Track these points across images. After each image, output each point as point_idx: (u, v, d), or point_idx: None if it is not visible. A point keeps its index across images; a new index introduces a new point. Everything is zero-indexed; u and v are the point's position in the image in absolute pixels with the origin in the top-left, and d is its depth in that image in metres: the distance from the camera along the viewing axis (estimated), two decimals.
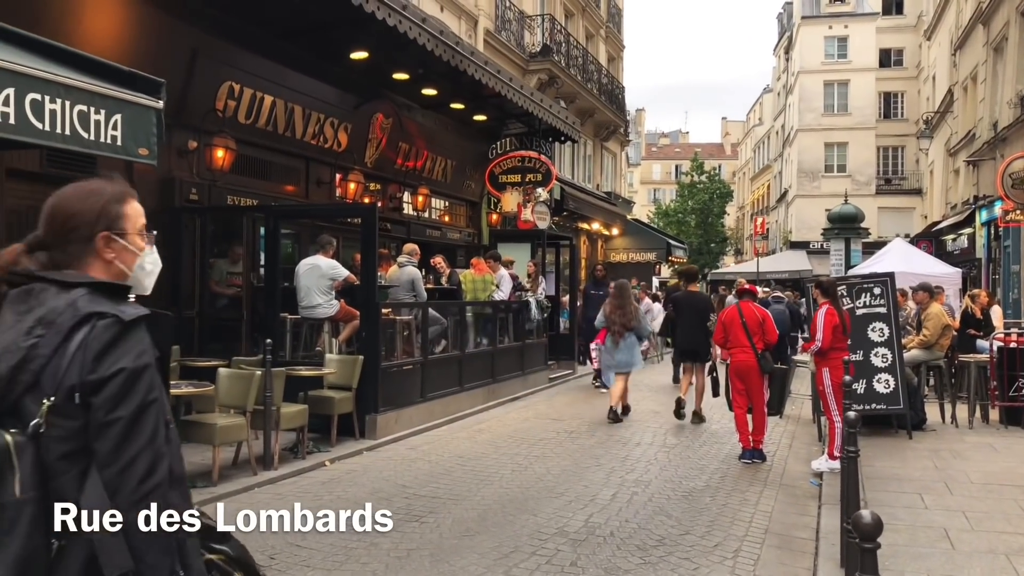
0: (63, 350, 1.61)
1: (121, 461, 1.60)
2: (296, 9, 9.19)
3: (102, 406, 1.60)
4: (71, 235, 1.75)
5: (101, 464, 1.60)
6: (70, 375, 1.60)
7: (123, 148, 5.42)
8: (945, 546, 5.16)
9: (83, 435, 1.60)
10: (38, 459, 1.59)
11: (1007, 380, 9.30)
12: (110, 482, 1.59)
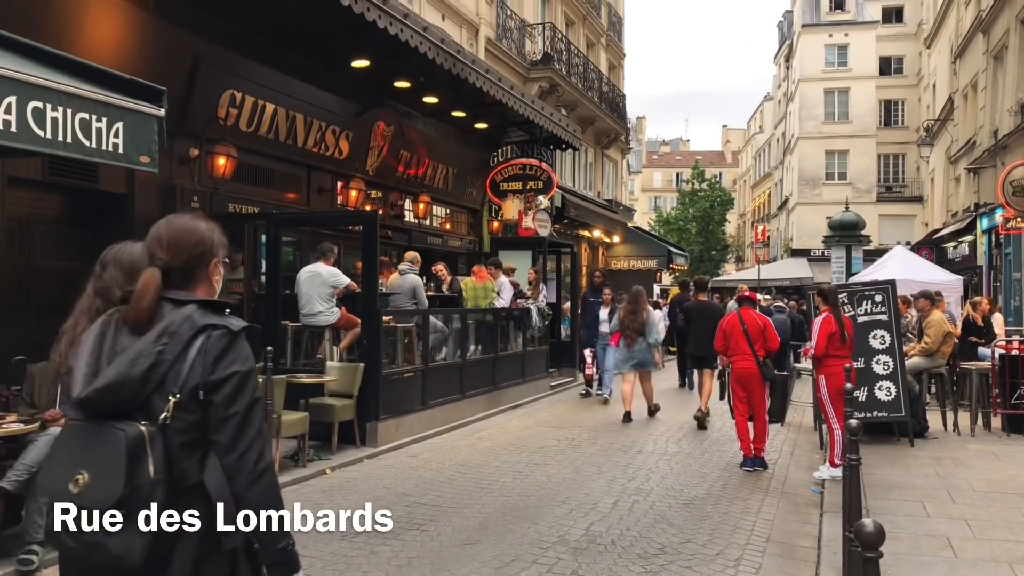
0: (184, 355, 1.93)
1: (239, 449, 1.93)
2: (298, 18, 9.22)
3: (221, 403, 1.93)
4: (200, 259, 2.12)
5: (222, 452, 1.93)
6: (192, 376, 1.92)
7: (124, 156, 5.41)
8: (948, 555, 5.14)
9: (199, 427, 1.93)
10: (165, 446, 1.90)
11: (1009, 388, 9.29)
12: (231, 467, 1.92)
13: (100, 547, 1.87)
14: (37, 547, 4.88)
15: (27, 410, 5.34)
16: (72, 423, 1.99)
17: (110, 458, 1.87)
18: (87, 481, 1.88)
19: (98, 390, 1.92)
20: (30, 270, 8.05)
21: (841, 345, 7.44)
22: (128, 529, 1.85)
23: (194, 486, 1.93)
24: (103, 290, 2.60)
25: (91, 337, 2.05)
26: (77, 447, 1.94)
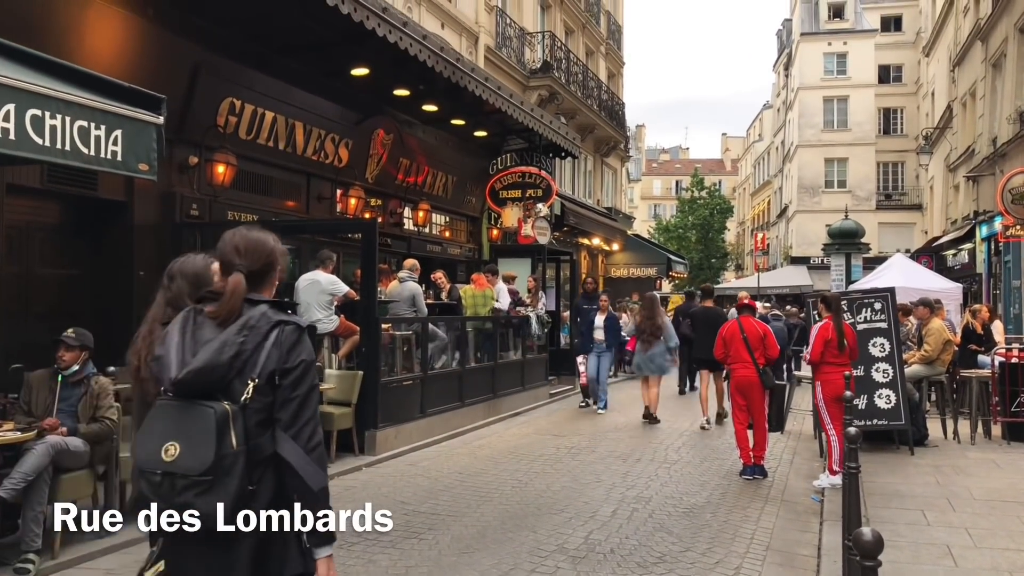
0: (262, 346, 2.29)
1: (297, 425, 2.29)
2: (297, 26, 9.23)
3: (288, 386, 2.29)
4: (270, 266, 2.50)
5: (284, 427, 2.28)
6: (269, 363, 2.28)
7: (123, 163, 5.42)
8: (948, 563, 5.12)
9: (270, 408, 2.28)
10: (244, 424, 2.24)
11: (1009, 395, 9.27)
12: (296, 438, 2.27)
13: (191, 506, 2.20)
14: (33, 556, 4.87)
15: (24, 418, 5.33)
16: (162, 402, 2.32)
17: (201, 431, 2.21)
18: (178, 451, 2.22)
19: (193, 372, 2.26)
20: (28, 278, 8.05)
21: (839, 353, 7.38)
22: (214, 492, 2.19)
23: (267, 458, 2.28)
24: (173, 299, 3.04)
25: (175, 329, 2.39)
26: (168, 422, 2.27)
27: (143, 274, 8.79)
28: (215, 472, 2.20)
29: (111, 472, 5.42)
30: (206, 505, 2.20)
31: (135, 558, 5.14)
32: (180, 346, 2.34)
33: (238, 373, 2.28)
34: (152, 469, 2.24)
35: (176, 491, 2.21)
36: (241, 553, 2.27)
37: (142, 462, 2.28)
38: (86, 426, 5.30)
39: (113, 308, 8.60)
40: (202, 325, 2.37)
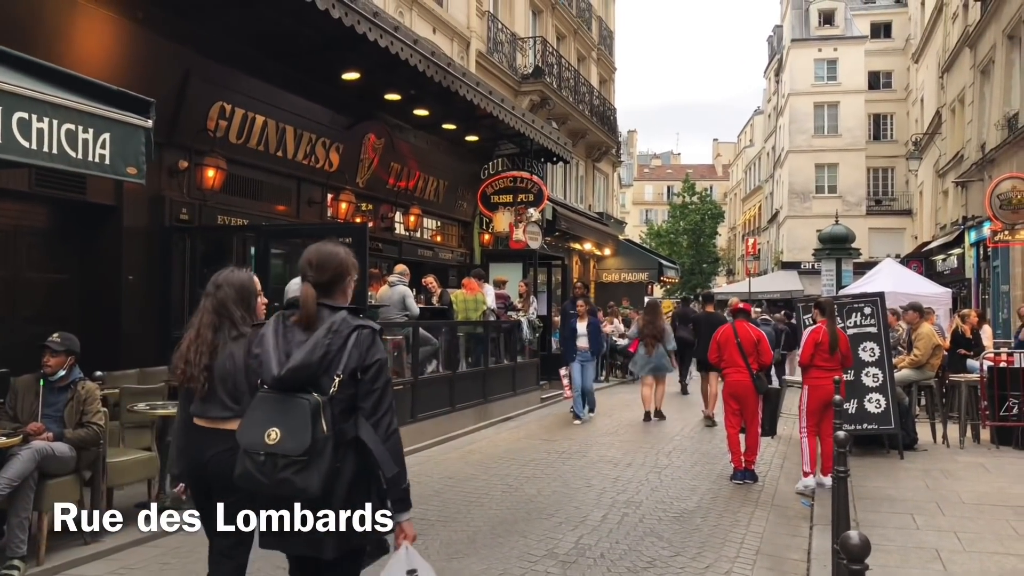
0: (344, 347, 2.73)
1: (378, 414, 2.75)
2: (289, 30, 9.22)
3: (369, 380, 2.75)
4: (342, 277, 2.91)
5: (366, 415, 2.74)
6: (351, 361, 2.73)
7: (111, 167, 5.39)
8: (937, 567, 5.13)
9: (352, 399, 2.74)
10: (332, 412, 2.69)
11: (998, 400, 9.30)
12: (376, 426, 2.72)
13: (287, 482, 2.65)
14: (19, 562, 4.83)
15: (9, 424, 5.29)
16: (262, 394, 2.77)
17: (298, 419, 2.66)
18: (279, 435, 2.67)
19: (291, 369, 2.71)
20: (16, 282, 8.00)
21: (829, 356, 7.38)
22: (309, 469, 2.64)
23: (349, 441, 2.73)
24: (218, 306, 3.44)
25: (270, 333, 2.83)
26: (269, 411, 2.72)
27: (132, 278, 8.76)
28: (311, 453, 2.65)
29: (97, 478, 5.38)
30: (303, 480, 2.65)
31: (121, 564, 5.12)
32: (276, 347, 2.79)
33: (325, 370, 2.73)
34: (256, 451, 2.70)
35: (278, 469, 2.66)
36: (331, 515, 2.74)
37: (247, 445, 2.73)
38: (72, 431, 5.26)
39: (102, 313, 8.56)
40: (291, 329, 2.83)
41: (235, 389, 3.32)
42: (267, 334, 2.83)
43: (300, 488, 2.66)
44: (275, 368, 2.74)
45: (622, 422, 11.72)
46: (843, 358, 7.51)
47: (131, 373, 7.88)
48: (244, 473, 2.75)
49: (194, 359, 3.34)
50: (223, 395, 3.33)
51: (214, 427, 3.31)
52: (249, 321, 3.47)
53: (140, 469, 5.79)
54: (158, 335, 9.04)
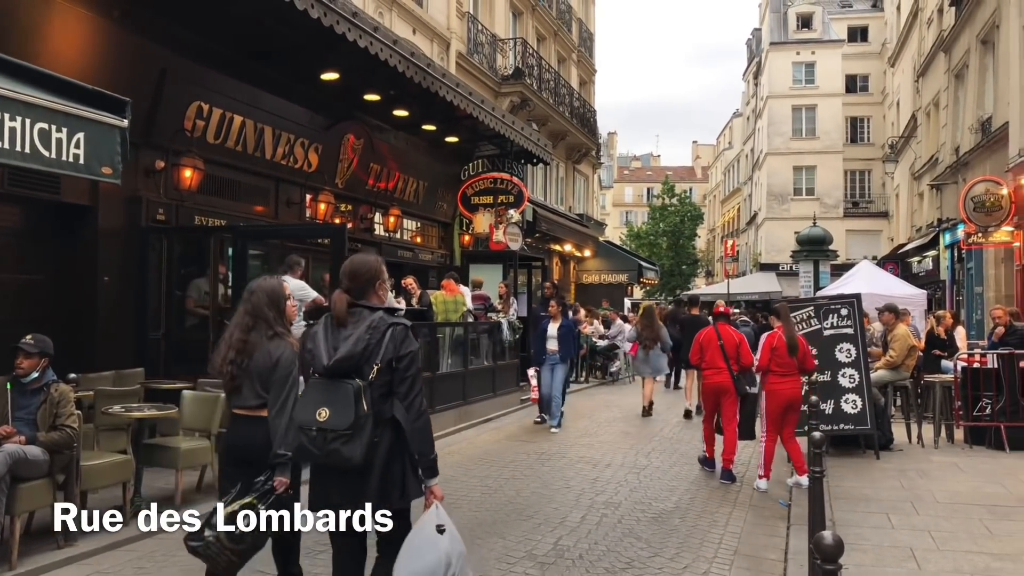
0: (382, 341, 3.31)
1: (410, 397, 3.34)
2: (266, 30, 9.16)
3: (403, 369, 3.33)
4: (372, 282, 3.48)
5: (400, 398, 3.33)
6: (387, 353, 3.31)
7: (86, 167, 5.35)
8: (911, 566, 5.18)
9: (388, 385, 3.32)
10: (371, 395, 3.26)
11: (971, 400, 9.42)
12: (408, 407, 3.31)
13: (336, 453, 3.22)
14: None
15: None
16: (314, 381, 3.36)
17: (344, 400, 3.22)
18: (328, 414, 3.23)
19: (338, 360, 3.29)
20: None
21: (789, 358, 7.42)
22: (353, 441, 3.21)
23: (386, 419, 3.32)
24: (252, 309, 3.91)
25: (320, 331, 3.40)
26: (319, 394, 3.29)
27: (108, 279, 8.67)
28: (354, 428, 3.22)
29: (71, 481, 5.31)
30: (348, 451, 3.22)
31: (95, 568, 5.06)
32: (325, 342, 3.36)
33: (366, 360, 3.30)
34: (309, 427, 3.27)
35: (327, 441, 3.23)
36: (371, 481, 3.32)
37: (301, 422, 3.31)
38: (45, 434, 5.19)
39: (77, 314, 8.46)
40: (334, 327, 3.40)
41: (268, 382, 3.79)
42: (318, 332, 3.42)
43: (346, 457, 3.23)
44: (325, 359, 3.33)
45: (601, 422, 11.75)
46: (801, 362, 7.51)
47: (106, 375, 7.80)
48: (299, 446, 3.34)
49: (234, 357, 3.83)
50: (258, 387, 3.82)
51: (251, 414, 3.86)
52: (282, 322, 3.97)
53: (115, 472, 5.72)
54: (134, 337, 8.97)
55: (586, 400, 14.78)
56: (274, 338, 3.84)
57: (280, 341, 3.84)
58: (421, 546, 3.33)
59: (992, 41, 18.13)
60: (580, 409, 12.96)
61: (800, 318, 9.07)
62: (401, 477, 3.37)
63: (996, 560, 5.26)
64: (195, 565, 5.07)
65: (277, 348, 3.80)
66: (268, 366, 3.77)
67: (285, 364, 3.76)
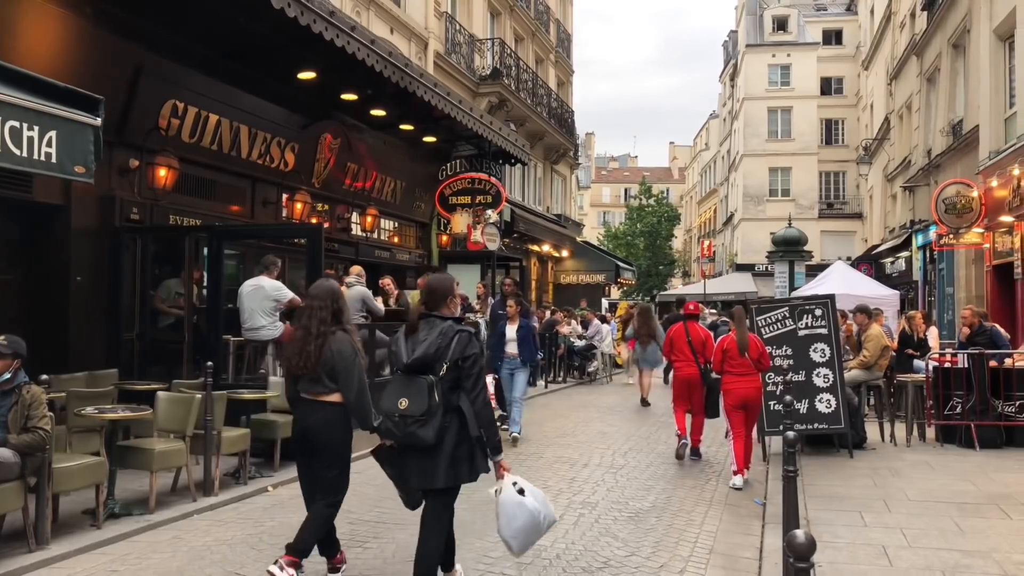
0: (450, 344, 4.04)
1: (475, 391, 4.08)
2: (242, 29, 9.08)
3: (468, 367, 4.06)
4: (444, 297, 4.24)
5: (467, 392, 4.08)
6: (454, 354, 4.03)
7: (58, 166, 5.28)
8: (884, 563, 5.25)
9: (455, 380, 4.05)
10: (441, 388, 4.00)
11: (942, 399, 9.55)
12: (473, 400, 4.06)
13: (413, 434, 4.01)
14: None
15: None
16: (395, 376, 4.21)
17: (419, 392, 4.02)
18: (408, 403, 4.02)
19: (415, 359, 4.07)
20: None
21: (741, 358, 7.85)
22: (427, 425, 4.00)
23: (454, 407, 4.09)
24: (313, 310, 4.60)
25: (402, 336, 4.21)
26: (400, 387, 4.10)
27: (80, 279, 8.57)
28: (427, 414, 4.01)
29: (43, 484, 5.23)
30: (423, 433, 4.01)
31: (68, 572, 5.01)
32: (406, 345, 4.16)
33: (437, 360, 4.06)
34: (392, 413, 4.08)
35: (407, 425, 4.04)
36: (441, 458, 4.09)
37: (385, 410, 4.11)
38: (17, 436, 5.11)
39: (49, 315, 8.36)
40: (412, 334, 4.18)
41: (333, 372, 4.53)
42: (400, 337, 4.22)
43: (421, 438, 4.01)
44: (405, 358, 4.13)
45: (578, 422, 11.78)
46: (755, 361, 7.88)
47: (79, 376, 7.72)
48: (384, 429, 4.17)
49: (300, 351, 4.54)
50: (324, 376, 4.54)
51: (314, 399, 4.59)
52: (340, 319, 4.65)
53: (87, 474, 5.65)
54: (108, 337, 8.87)
55: (564, 400, 14.82)
56: (334, 333, 4.56)
57: (338, 335, 4.57)
58: (512, 510, 4.23)
59: (963, 45, 18.41)
60: (557, 409, 12.98)
61: (775, 319, 9.18)
62: (469, 456, 4.16)
63: (966, 557, 5.34)
64: (170, 568, 5.05)
65: (336, 342, 4.55)
66: (330, 358, 4.52)
67: (347, 355, 4.53)
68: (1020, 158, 13.50)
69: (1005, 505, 6.70)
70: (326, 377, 4.52)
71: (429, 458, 4.08)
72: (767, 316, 9.25)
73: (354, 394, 4.53)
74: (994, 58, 15.58)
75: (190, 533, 5.82)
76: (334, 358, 4.51)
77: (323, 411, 4.56)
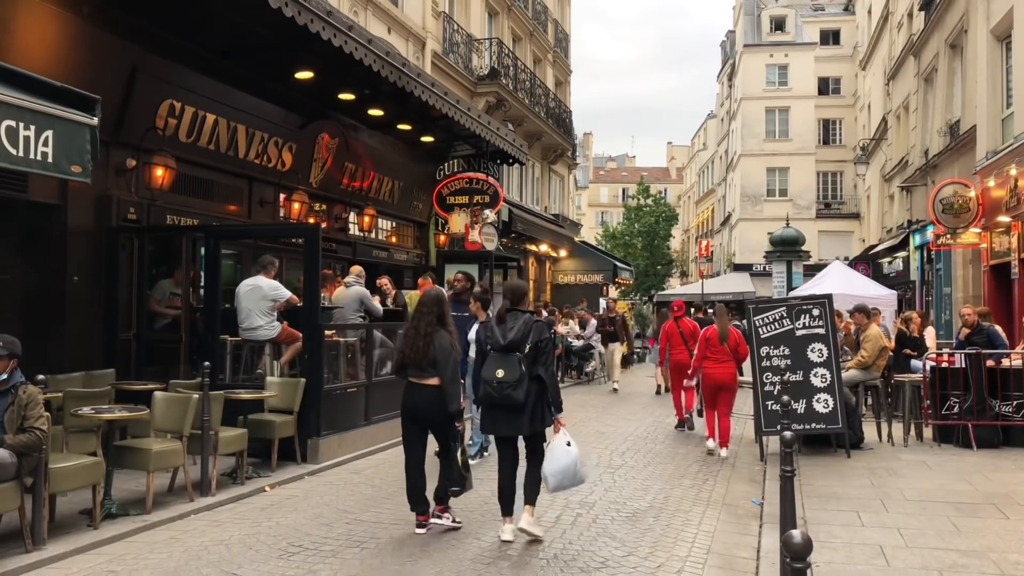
0: (529, 332, 5.66)
1: (549, 367, 5.73)
2: (240, 28, 9.09)
3: (543, 349, 5.68)
4: (523, 298, 6.01)
5: (542, 365, 5.66)
6: (533, 338, 5.64)
7: (54, 165, 5.28)
8: (881, 563, 5.25)
9: (535, 357, 5.64)
10: (526, 362, 5.60)
11: (939, 399, 9.56)
12: (546, 372, 5.68)
13: (508, 396, 5.49)
14: None
15: None
16: (494, 353, 5.65)
17: (512, 365, 5.53)
18: (504, 373, 5.51)
19: (509, 341, 5.58)
20: None
21: (720, 346, 9.42)
22: (518, 388, 5.49)
23: (535, 377, 5.58)
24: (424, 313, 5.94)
25: (495, 325, 5.75)
26: (498, 361, 5.58)
27: (77, 279, 8.55)
28: (518, 381, 5.50)
29: (39, 484, 5.22)
30: (515, 395, 5.48)
31: (65, 572, 4.99)
32: (499, 330, 5.67)
33: (523, 341, 5.58)
34: (491, 381, 5.54)
35: (503, 389, 5.50)
36: (526, 414, 5.57)
37: (487, 378, 5.58)
38: (13, 436, 5.10)
39: (45, 315, 8.34)
40: (503, 322, 5.71)
41: (434, 362, 5.81)
42: (494, 325, 5.79)
43: (514, 399, 5.52)
44: (501, 341, 5.65)
45: (576, 421, 11.75)
46: (732, 350, 9.39)
47: (76, 376, 7.70)
48: (485, 394, 5.66)
49: (412, 344, 5.90)
50: (428, 365, 5.83)
51: (420, 383, 5.89)
52: (443, 321, 5.97)
53: (84, 475, 5.63)
54: (105, 337, 8.84)
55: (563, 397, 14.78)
56: (437, 332, 5.88)
57: (441, 333, 5.88)
58: (559, 455, 5.61)
59: (960, 45, 18.43)
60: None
61: (772, 318, 9.18)
62: (542, 412, 5.67)
63: (963, 556, 5.35)
64: (167, 568, 5.04)
65: (439, 338, 5.85)
66: (433, 352, 5.81)
67: (446, 349, 5.83)
68: (1017, 158, 13.52)
69: (1002, 505, 6.71)
70: (429, 366, 5.80)
71: (517, 415, 5.57)
72: (764, 316, 9.25)
73: (448, 380, 5.78)
74: (991, 58, 15.59)
75: (187, 533, 5.81)
76: (436, 352, 5.79)
77: (426, 391, 5.85)
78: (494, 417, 5.70)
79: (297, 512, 6.43)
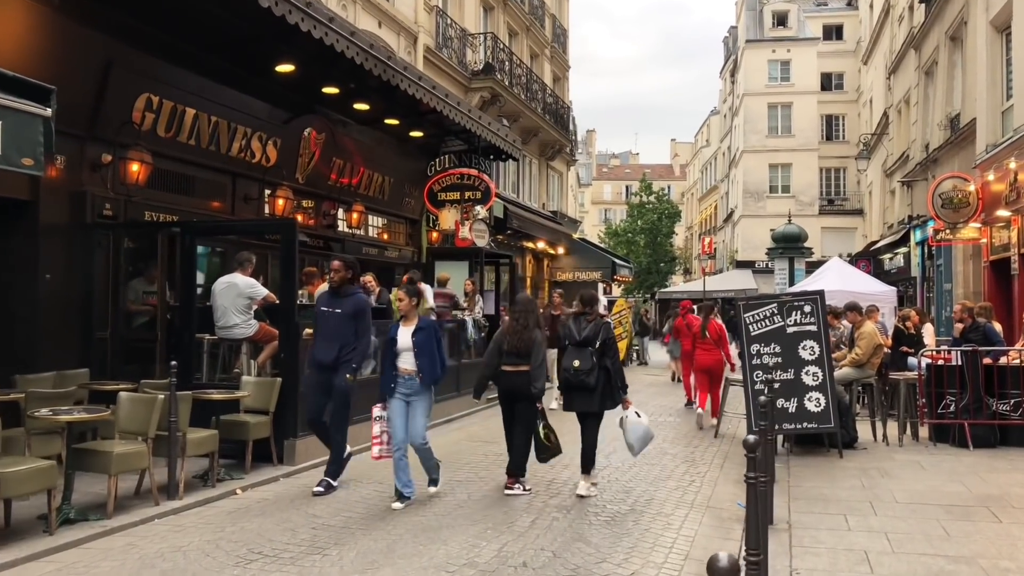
0: (599, 330, 7.16)
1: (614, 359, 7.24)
2: (218, 20, 8.88)
3: (608, 345, 7.17)
4: (594, 302, 7.71)
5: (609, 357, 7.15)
6: (601, 336, 7.13)
7: (4, 158, 5.10)
8: (864, 569, 5.04)
9: (603, 351, 7.12)
10: (596, 355, 7.07)
11: (935, 398, 9.33)
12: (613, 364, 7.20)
13: (583, 381, 7.01)
14: None
15: None
16: (571, 347, 7.11)
17: (586, 356, 7.01)
18: (579, 363, 6.99)
19: (584, 337, 7.09)
20: None
21: (703, 339, 11.72)
22: (591, 376, 6.99)
23: (604, 366, 7.06)
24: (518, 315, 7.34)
25: (572, 322, 7.30)
26: (574, 353, 7.05)
27: (50, 277, 8.35)
28: (591, 370, 6.96)
29: None
30: (589, 380, 6.96)
31: None
32: (575, 328, 7.14)
33: (594, 337, 7.05)
34: (569, 369, 7.00)
35: (579, 375, 6.97)
36: (597, 395, 7.03)
37: (566, 367, 7.05)
38: None
39: (16, 314, 8.15)
40: (579, 322, 7.20)
41: (528, 352, 7.07)
42: (571, 323, 7.21)
43: (588, 383, 6.91)
44: (577, 336, 7.02)
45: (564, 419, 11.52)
46: (716, 341, 11.61)
47: (47, 376, 7.53)
48: (564, 379, 7.10)
49: (509, 340, 7.19)
50: (518, 356, 7.09)
51: (516, 370, 7.10)
52: (535, 320, 7.36)
53: (39, 479, 5.43)
54: (79, 336, 8.66)
55: (546, 401, 14.57)
56: (531, 330, 7.20)
57: (533, 332, 7.18)
58: (634, 425, 7.09)
59: (960, 38, 18.14)
60: None
61: (763, 315, 8.93)
62: (611, 394, 7.05)
63: (951, 563, 5.13)
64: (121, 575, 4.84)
65: (535, 335, 7.18)
66: (528, 344, 7.11)
67: (538, 343, 7.15)
68: (1017, 151, 13.25)
69: (995, 507, 6.49)
70: (520, 356, 7.08)
71: (589, 396, 6.98)
72: (755, 313, 9.00)
73: (536, 368, 7.05)
74: (991, 50, 15.31)
75: (146, 539, 5.61)
76: (530, 345, 7.10)
77: (521, 376, 7.08)
78: (571, 397, 7.15)
79: (264, 516, 6.23)
